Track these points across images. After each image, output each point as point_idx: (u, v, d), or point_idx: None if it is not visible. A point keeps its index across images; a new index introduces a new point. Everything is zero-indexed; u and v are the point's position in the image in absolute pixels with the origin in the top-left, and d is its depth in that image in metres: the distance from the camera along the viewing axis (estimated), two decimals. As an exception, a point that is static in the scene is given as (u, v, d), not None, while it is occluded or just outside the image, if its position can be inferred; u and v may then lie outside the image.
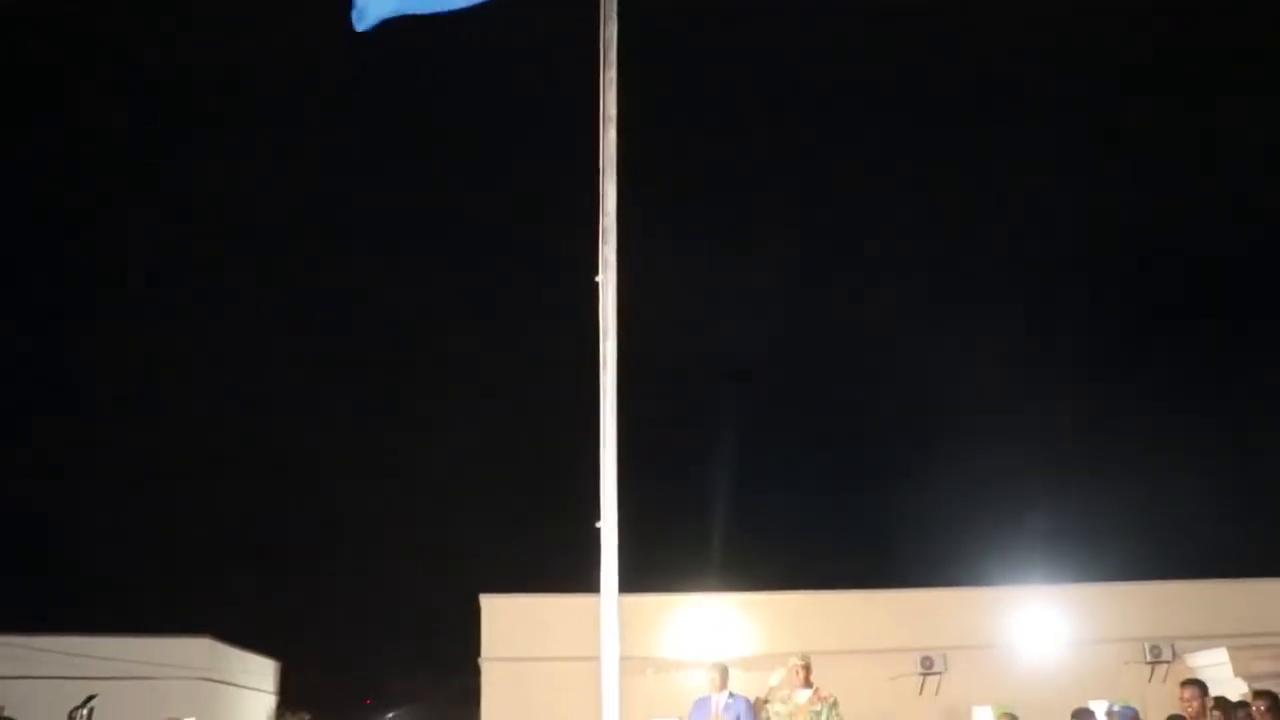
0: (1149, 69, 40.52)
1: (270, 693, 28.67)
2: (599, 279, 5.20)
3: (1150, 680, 20.72)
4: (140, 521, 43.28)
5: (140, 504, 43.95)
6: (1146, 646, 21.54)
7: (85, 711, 5.91)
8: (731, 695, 8.23)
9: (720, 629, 22.02)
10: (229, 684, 25.18)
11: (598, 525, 5.12)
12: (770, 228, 46.07)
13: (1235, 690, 14.93)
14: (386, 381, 49.58)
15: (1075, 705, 8.24)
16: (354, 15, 5.38)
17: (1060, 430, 42.49)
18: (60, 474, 42.30)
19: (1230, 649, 18.99)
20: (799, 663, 8.25)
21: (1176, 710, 7.79)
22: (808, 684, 8.18)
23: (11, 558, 33.03)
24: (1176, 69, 40.02)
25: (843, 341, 44.32)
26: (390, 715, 29.58)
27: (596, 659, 5.39)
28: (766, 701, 8.24)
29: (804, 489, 41.28)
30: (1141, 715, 8.15)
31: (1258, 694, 7.53)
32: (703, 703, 8.28)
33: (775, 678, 8.27)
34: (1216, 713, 7.81)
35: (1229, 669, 18.39)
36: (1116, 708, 7.58)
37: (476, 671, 21.92)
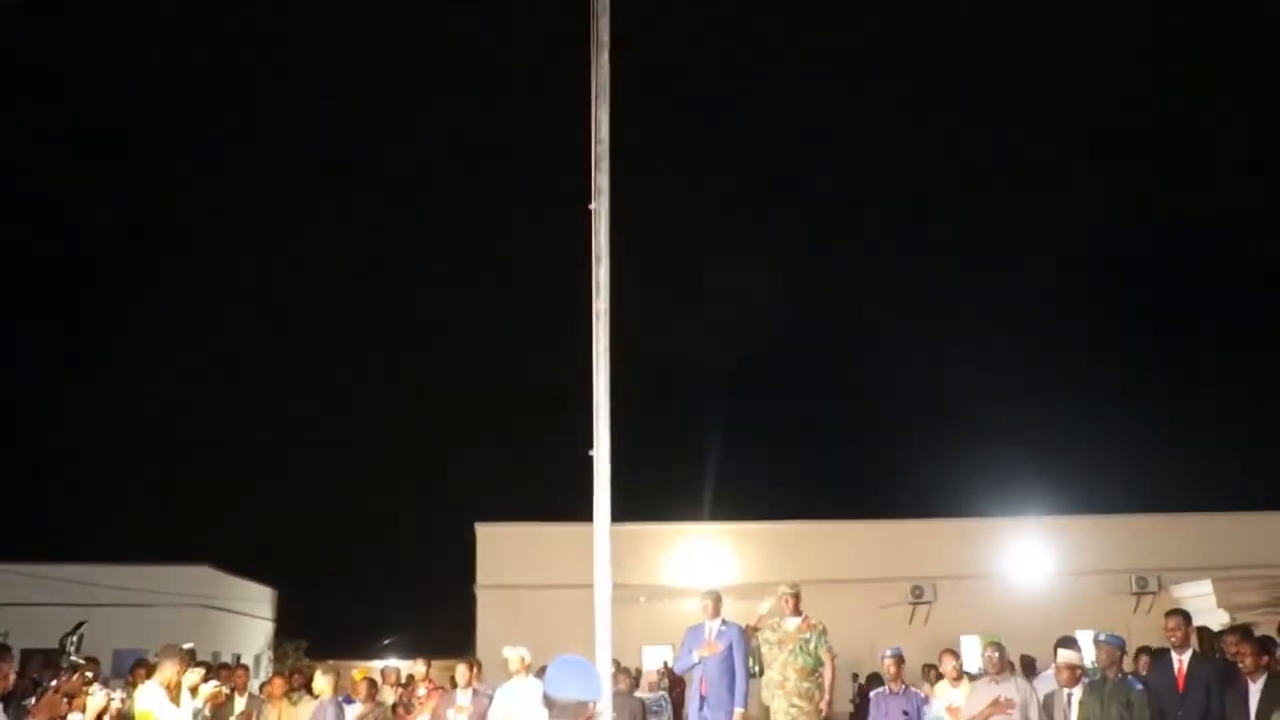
0: (1149, 71, 40.38)
1: (268, 619, 29.04)
2: (593, 206, 5.13)
3: (1136, 611, 21.02)
4: (140, 452, 43.50)
5: (139, 435, 44.11)
6: (1133, 578, 21.83)
7: (75, 638, 5.95)
8: (724, 623, 8.28)
9: (713, 558, 22.25)
10: (228, 611, 25.50)
11: (591, 453, 5.11)
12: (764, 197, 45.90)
13: (1218, 621, 15.16)
14: (380, 315, 49.51)
15: (1062, 634, 8.34)
16: None
17: (1049, 365, 42.71)
18: (61, 406, 42.44)
19: (1215, 581, 19.24)
20: (788, 591, 8.30)
21: (1160, 640, 7.90)
22: (797, 612, 8.26)
23: (15, 488, 33.22)
24: (1176, 74, 39.90)
25: (839, 283, 44.29)
26: (386, 641, 30.00)
27: (590, 587, 5.43)
28: (757, 629, 8.31)
29: (798, 421, 41.56)
30: (1126, 645, 8.29)
31: (1231, 629, 7.68)
32: (695, 630, 8.34)
33: (765, 606, 8.33)
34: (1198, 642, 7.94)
35: (1213, 600, 18.66)
36: (1103, 636, 7.67)
37: (472, 599, 22.20)
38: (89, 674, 6.28)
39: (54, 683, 5.46)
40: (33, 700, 5.55)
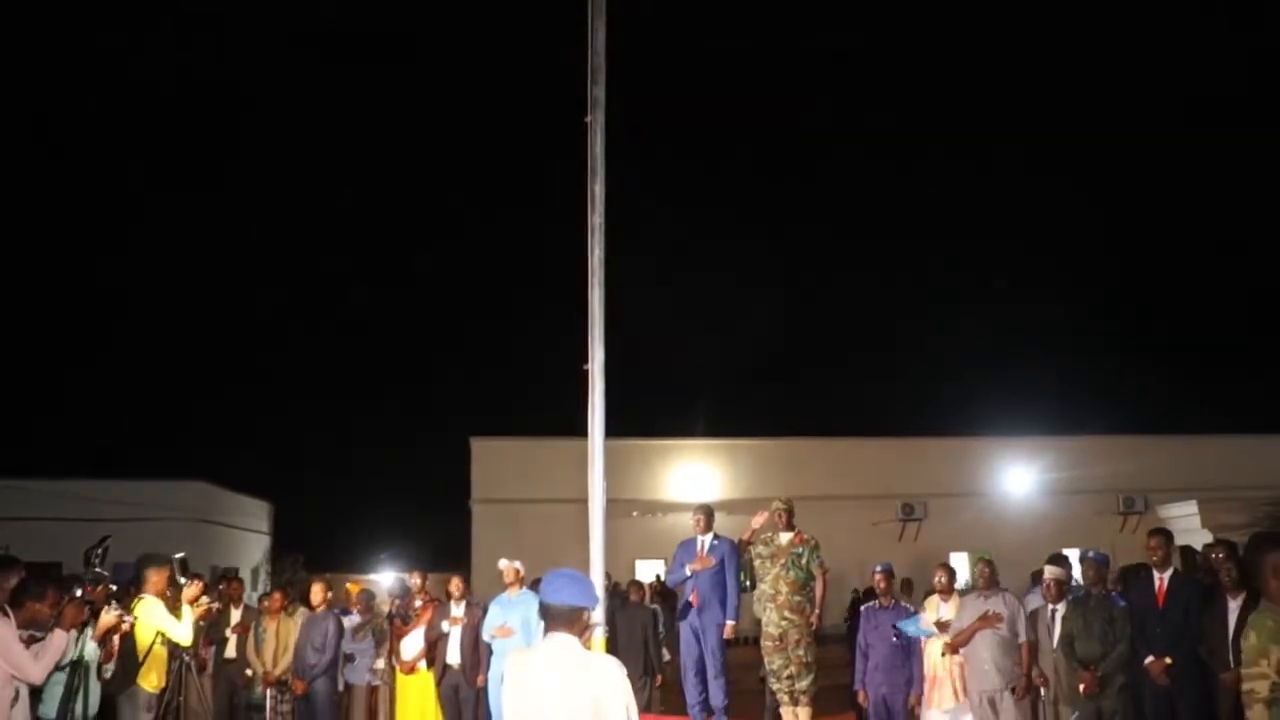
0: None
1: (265, 534, 29.37)
2: (588, 119, 5.04)
3: (1122, 530, 21.36)
4: (138, 369, 43.57)
5: (137, 352, 44.12)
6: (1120, 498, 22.14)
7: (100, 551, 6.09)
8: (717, 537, 8.36)
9: (706, 474, 22.47)
10: (226, 525, 25.78)
11: (585, 367, 5.11)
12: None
13: (1203, 541, 15.39)
14: (377, 231, 49.17)
15: (1050, 552, 8.47)
16: None
17: (1042, 285, 42.73)
18: (58, 323, 42.37)
19: (1200, 502, 19.52)
20: (781, 507, 8.37)
21: (1145, 559, 8.00)
22: (789, 527, 8.34)
23: (14, 404, 33.37)
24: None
25: (835, 206, 43.95)
26: (382, 555, 30.39)
27: (585, 501, 5.47)
28: (749, 544, 8.39)
29: (792, 336, 41.64)
30: (1111, 563, 8.44)
31: (1218, 542, 7.76)
32: (688, 544, 8.43)
33: (757, 521, 8.41)
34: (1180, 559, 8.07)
35: (1198, 520, 18.95)
36: (1090, 554, 7.80)
37: (467, 513, 22.46)
38: (113, 586, 6.40)
39: (78, 591, 5.55)
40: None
